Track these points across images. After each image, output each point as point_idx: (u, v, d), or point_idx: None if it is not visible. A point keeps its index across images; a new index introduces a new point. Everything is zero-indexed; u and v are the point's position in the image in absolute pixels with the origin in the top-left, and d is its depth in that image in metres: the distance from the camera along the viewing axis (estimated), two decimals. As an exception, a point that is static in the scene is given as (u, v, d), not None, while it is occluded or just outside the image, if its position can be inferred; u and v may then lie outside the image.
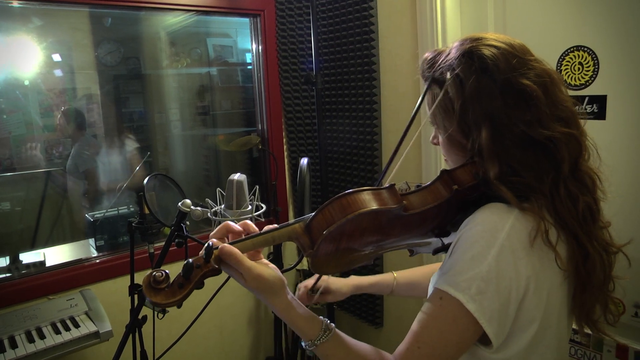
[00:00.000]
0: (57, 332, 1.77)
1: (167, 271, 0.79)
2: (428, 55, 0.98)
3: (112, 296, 2.12)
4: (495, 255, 0.80)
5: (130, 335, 1.75)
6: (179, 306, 0.79)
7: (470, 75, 0.87)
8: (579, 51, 1.62)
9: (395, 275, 1.33)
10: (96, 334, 1.79)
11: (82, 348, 1.77)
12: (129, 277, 1.82)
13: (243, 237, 0.87)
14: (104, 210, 2.36)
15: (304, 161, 1.31)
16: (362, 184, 2.48)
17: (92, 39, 2.72)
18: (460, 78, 0.89)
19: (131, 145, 2.66)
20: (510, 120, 0.86)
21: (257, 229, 0.90)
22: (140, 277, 1.84)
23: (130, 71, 2.93)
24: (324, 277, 1.29)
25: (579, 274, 0.89)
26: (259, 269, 0.82)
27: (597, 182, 0.92)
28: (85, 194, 2.49)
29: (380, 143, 2.37)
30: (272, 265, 0.87)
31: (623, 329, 1.65)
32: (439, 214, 0.90)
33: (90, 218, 2.31)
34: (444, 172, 0.91)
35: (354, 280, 1.33)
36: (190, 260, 0.79)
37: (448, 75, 0.91)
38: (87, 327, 1.80)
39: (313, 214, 0.85)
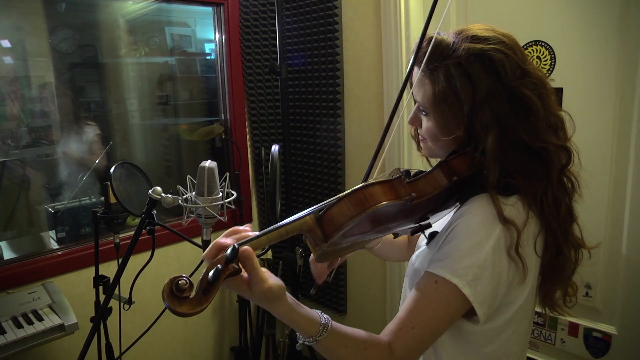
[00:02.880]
0: (19, 326, 1.71)
1: (188, 277, 0.74)
2: (428, 38, 0.95)
3: (76, 288, 2.07)
4: (492, 245, 0.87)
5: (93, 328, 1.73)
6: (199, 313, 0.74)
7: (483, 78, 0.90)
8: (537, 45, 1.70)
9: None
10: (61, 327, 1.74)
11: (46, 342, 1.72)
12: (92, 268, 1.79)
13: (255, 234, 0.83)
14: (65, 201, 2.29)
15: (275, 148, 1.32)
16: (326, 173, 2.51)
17: (46, 25, 2.62)
18: (472, 80, 0.90)
19: (92, 132, 2.60)
20: (514, 127, 0.90)
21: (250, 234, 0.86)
22: (104, 269, 1.82)
23: (86, 59, 2.84)
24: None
25: (550, 267, 0.96)
26: (269, 282, 0.79)
27: (576, 185, 0.99)
28: (45, 185, 2.42)
29: (343, 133, 2.40)
30: (269, 273, 0.83)
31: (574, 308, 1.73)
32: (431, 202, 0.94)
33: (50, 209, 2.24)
34: (442, 163, 0.94)
35: None
36: (219, 265, 0.74)
37: (457, 73, 0.91)
38: (51, 320, 1.75)
39: (324, 206, 0.83)
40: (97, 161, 2.39)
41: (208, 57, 3.04)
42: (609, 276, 1.66)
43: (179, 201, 1.34)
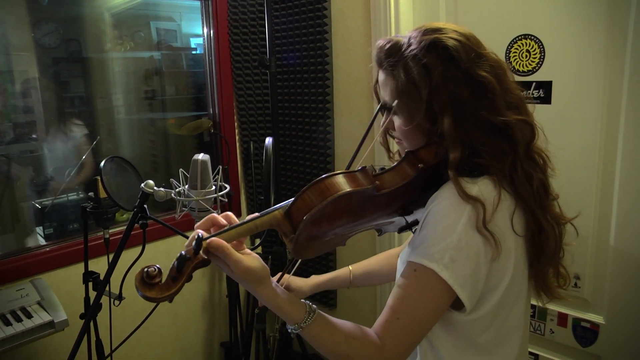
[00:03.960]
0: (8, 323, 1.69)
1: (159, 266, 0.80)
2: (383, 43, 1.01)
3: (65, 285, 2.05)
4: (464, 225, 0.87)
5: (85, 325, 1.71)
6: (171, 301, 0.80)
7: (437, 65, 0.92)
8: (526, 39, 1.71)
9: (350, 268, 1.40)
10: (51, 324, 1.72)
11: (35, 339, 1.70)
12: (81, 264, 1.78)
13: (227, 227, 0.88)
14: (52, 197, 2.26)
15: (269, 140, 1.32)
16: (315, 167, 2.51)
17: (29, 18, 2.58)
18: (427, 67, 0.93)
19: (77, 128, 2.57)
20: (473, 106, 0.92)
21: (237, 220, 0.92)
22: (93, 265, 1.80)
23: (71, 54, 2.80)
24: (285, 276, 1.30)
25: (534, 245, 0.97)
26: (246, 261, 0.84)
27: (547, 160, 1.00)
28: (32, 181, 2.39)
29: (333, 127, 2.40)
30: (255, 255, 0.88)
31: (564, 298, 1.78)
32: (406, 193, 0.96)
33: (37, 205, 2.21)
34: (409, 152, 0.96)
35: (313, 280, 1.38)
36: (183, 252, 0.80)
37: (413, 65, 0.94)
38: (40, 317, 1.72)
39: (292, 200, 0.87)
40: (84, 157, 2.36)
41: (194, 52, 3.02)
42: (597, 267, 1.69)
43: (172, 195, 1.33)
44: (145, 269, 0.78)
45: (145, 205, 1.30)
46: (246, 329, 2.65)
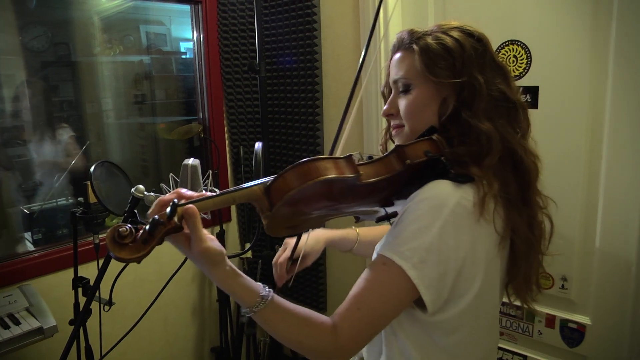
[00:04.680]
0: (-5, 330, 1.68)
1: (130, 226, 0.80)
2: (405, 30, 1.06)
3: (54, 291, 2.03)
4: (438, 229, 0.87)
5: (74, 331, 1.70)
6: (139, 262, 0.80)
7: (469, 41, 0.98)
8: (513, 45, 1.74)
9: (357, 232, 1.36)
10: (39, 330, 1.71)
11: (24, 346, 1.69)
12: (71, 270, 1.77)
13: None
14: (41, 203, 2.25)
15: (259, 145, 1.33)
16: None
17: (17, 22, 2.56)
18: (459, 40, 0.98)
19: (66, 132, 2.55)
20: (491, 84, 0.97)
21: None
22: (83, 270, 1.80)
23: (59, 58, 2.78)
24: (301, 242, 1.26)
25: (515, 240, 0.97)
26: (208, 241, 0.84)
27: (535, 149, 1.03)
28: (20, 186, 2.37)
29: (322, 131, 2.41)
30: (212, 236, 0.88)
31: (551, 300, 1.80)
32: (388, 186, 0.96)
33: (26, 211, 2.20)
34: (398, 146, 0.96)
35: (326, 234, 1.33)
36: (156, 216, 0.80)
37: (445, 36, 0.99)
38: (29, 324, 1.71)
39: (273, 177, 0.87)
40: (73, 162, 2.35)
41: (184, 56, 3.02)
42: (584, 269, 1.71)
43: (162, 200, 1.33)
44: (118, 228, 0.78)
45: (135, 210, 1.30)
46: (236, 334, 2.65)
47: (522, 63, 1.72)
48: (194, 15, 2.59)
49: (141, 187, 1.27)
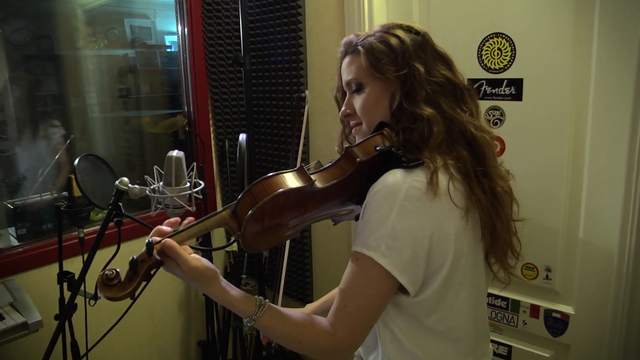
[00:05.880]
0: (-21, 326, 1.66)
1: (117, 269, 0.90)
2: (350, 36, 1.13)
3: (39, 286, 2.01)
4: (396, 214, 0.91)
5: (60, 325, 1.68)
6: (132, 297, 0.89)
7: (409, 36, 1.04)
8: (497, 37, 1.74)
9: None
10: (24, 325, 1.69)
11: (9, 341, 1.67)
12: (56, 265, 1.75)
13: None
14: (25, 197, 2.22)
15: (243, 137, 1.32)
16: (290, 164, 2.52)
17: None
18: (399, 37, 1.03)
19: (50, 126, 2.53)
20: (433, 71, 1.02)
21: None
22: (68, 265, 1.78)
23: (42, 51, 2.74)
24: None
25: (479, 208, 0.99)
26: (194, 261, 0.92)
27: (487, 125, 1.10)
28: (3, 181, 2.34)
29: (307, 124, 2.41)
30: (202, 258, 0.95)
31: (536, 290, 1.82)
32: (349, 186, 1.00)
33: (9, 205, 2.17)
34: (347, 148, 1.01)
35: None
36: (135, 256, 0.90)
37: (388, 35, 1.04)
38: (13, 319, 1.70)
39: (237, 201, 0.94)
40: (57, 156, 2.32)
41: (169, 50, 2.99)
42: (567, 260, 1.73)
43: (147, 192, 1.32)
44: (104, 272, 0.88)
45: (120, 203, 1.29)
46: (223, 327, 2.65)
47: (506, 55, 1.73)
48: (179, 8, 2.57)
49: (125, 179, 1.27)
